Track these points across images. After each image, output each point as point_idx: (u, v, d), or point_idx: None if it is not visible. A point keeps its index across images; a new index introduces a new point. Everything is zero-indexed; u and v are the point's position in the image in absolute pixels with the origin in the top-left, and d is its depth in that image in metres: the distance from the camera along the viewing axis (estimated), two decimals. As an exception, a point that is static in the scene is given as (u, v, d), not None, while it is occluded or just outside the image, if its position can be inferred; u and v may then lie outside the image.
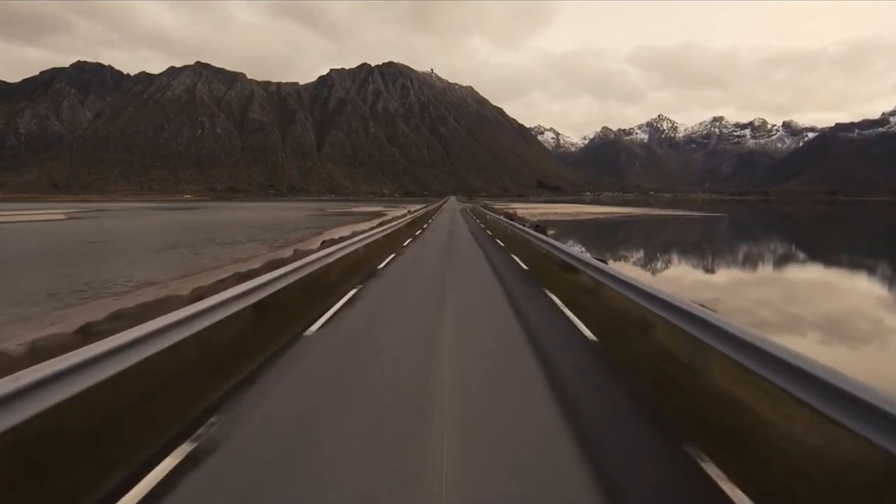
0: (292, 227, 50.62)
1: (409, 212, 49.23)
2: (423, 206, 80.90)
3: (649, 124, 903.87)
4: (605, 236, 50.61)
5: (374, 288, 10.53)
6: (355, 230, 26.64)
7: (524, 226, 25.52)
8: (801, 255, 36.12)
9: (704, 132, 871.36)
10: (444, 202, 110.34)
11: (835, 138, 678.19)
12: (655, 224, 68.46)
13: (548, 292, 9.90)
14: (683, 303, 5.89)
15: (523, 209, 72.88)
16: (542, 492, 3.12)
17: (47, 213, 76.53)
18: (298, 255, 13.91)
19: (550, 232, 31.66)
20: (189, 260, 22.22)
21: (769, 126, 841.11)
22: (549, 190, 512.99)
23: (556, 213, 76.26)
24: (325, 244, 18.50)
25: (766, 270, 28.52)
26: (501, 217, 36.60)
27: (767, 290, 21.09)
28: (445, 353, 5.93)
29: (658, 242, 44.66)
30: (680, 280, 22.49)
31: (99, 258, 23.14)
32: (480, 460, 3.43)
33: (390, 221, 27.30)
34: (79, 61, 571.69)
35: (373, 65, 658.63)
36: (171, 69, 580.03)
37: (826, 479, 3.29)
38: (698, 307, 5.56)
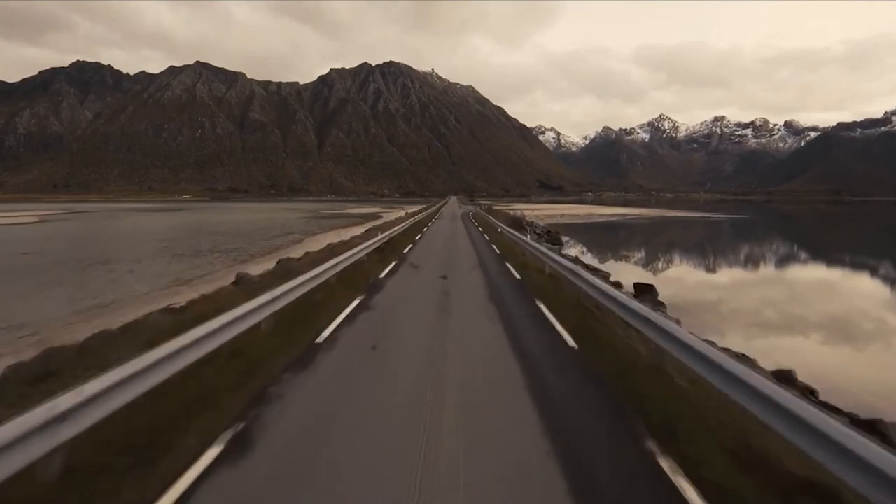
0: (277, 232, 46.93)
1: (405, 213, 45.51)
2: (422, 207, 76.47)
3: (651, 124, 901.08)
4: (634, 245, 44.66)
5: None
6: (332, 243, 23.11)
7: (537, 233, 21.23)
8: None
9: (706, 132, 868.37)
10: (444, 204, 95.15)
11: (837, 138, 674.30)
12: (678, 228, 63.68)
13: None
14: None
15: (528, 210, 69.05)
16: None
17: (22, 216, 73.36)
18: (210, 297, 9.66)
19: (564, 238, 27.30)
20: (116, 283, 18.75)
21: (771, 126, 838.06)
22: (551, 190, 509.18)
23: (563, 216, 72.58)
24: (280, 264, 15.56)
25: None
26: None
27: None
28: None
29: (706, 255, 38.14)
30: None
31: (13, 278, 19.57)
32: None
33: (378, 231, 23.18)
34: (78, 61, 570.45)
35: (373, 64, 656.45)
36: (171, 69, 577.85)
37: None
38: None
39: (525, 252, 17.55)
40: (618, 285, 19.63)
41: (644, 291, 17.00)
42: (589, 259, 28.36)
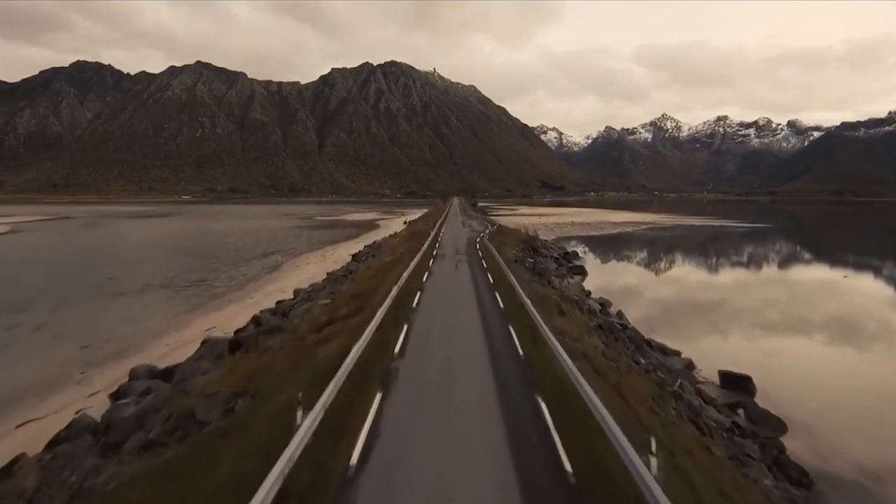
0: (259, 250, 43.50)
1: (405, 224, 42.74)
2: (421, 215, 71.97)
3: (653, 123, 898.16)
4: (671, 273, 38.45)
5: None
6: (300, 289, 20.37)
7: (554, 257, 18.19)
8: None
9: (708, 131, 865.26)
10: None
11: (840, 137, 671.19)
12: (709, 244, 57.50)
13: None
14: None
15: (534, 217, 66.42)
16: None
17: (-7, 223, 70.90)
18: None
19: (585, 259, 24.71)
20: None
21: (774, 125, 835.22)
22: (553, 190, 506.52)
23: (573, 224, 69.24)
24: (205, 346, 13.10)
25: None
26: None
27: None
28: None
29: (780, 295, 31.85)
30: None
31: None
32: None
33: (371, 253, 20.42)
34: (78, 61, 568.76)
35: (375, 64, 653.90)
36: (172, 69, 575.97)
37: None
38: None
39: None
40: (689, 366, 15.53)
41: (737, 387, 13.35)
42: (636, 315, 22.76)
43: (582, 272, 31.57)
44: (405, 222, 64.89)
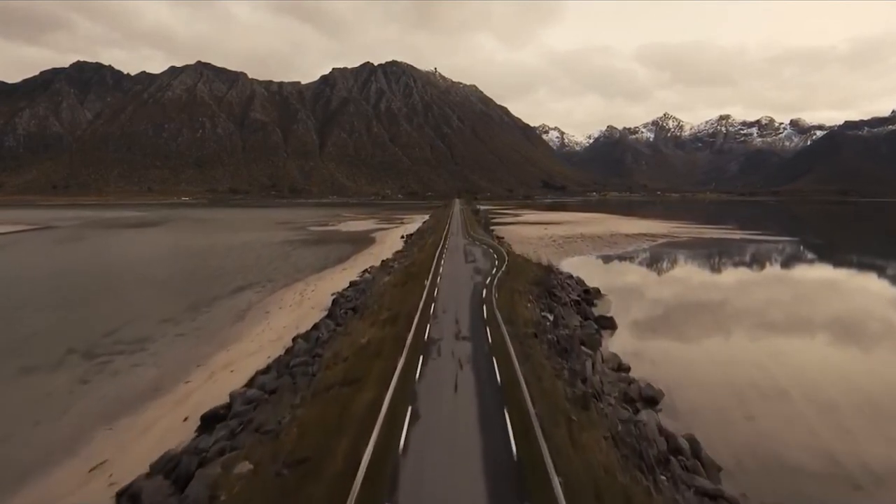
0: (236, 283, 40.38)
1: (403, 240, 40.29)
2: (419, 226, 69.10)
3: (655, 123, 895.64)
4: (719, 319, 30.93)
5: None
6: (262, 378, 17.88)
7: (573, 298, 15.24)
8: None
9: (711, 131, 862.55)
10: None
11: (843, 136, 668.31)
12: (737, 267, 52.46)
13: None
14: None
15: (538, 224, 63.93)
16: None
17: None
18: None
19: (608, 295, 21.88)
20: None
21: (776, 124, 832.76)
22: (555, 190, 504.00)
23: (582, 238, 65.29)
24: None
25: None
26: None
27: None
28: None
29: None
30: None
31: None
32: None
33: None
34: (78, 61, 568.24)
35: (376, 63, 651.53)
36: (172, 69, 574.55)
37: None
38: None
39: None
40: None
41: None
42: (713, 438, 15.12)
43: (610, 325, 27.25)
44: (402, 237, 63.39)
